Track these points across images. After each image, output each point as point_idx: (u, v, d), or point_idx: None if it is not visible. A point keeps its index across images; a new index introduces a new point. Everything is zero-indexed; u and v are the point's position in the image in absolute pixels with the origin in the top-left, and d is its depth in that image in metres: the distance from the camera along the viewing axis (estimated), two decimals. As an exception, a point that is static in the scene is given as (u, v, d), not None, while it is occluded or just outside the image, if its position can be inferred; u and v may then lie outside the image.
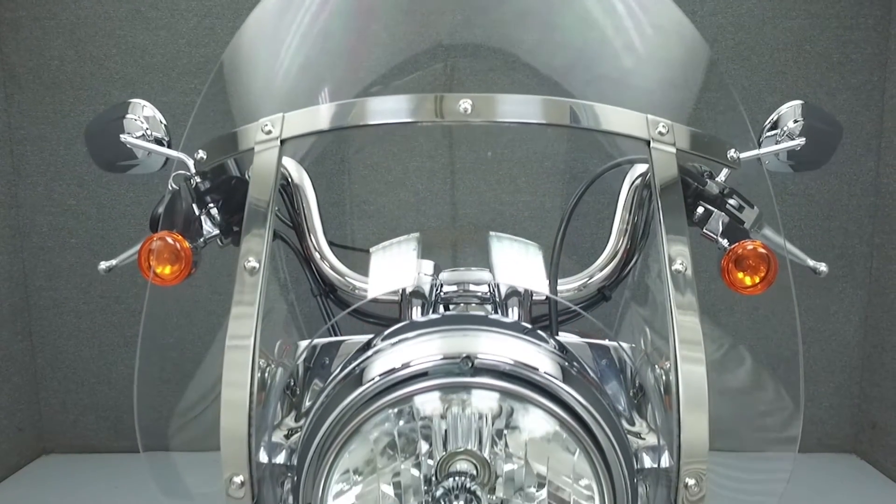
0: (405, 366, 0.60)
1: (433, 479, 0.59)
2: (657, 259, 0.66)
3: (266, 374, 0.64)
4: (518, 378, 0.59)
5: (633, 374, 0.73)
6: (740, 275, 0.72)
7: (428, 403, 0.60)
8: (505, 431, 0.60)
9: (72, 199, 2.71)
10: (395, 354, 0.61)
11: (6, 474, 2.68)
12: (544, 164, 2.57)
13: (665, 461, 0.61)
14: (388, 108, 0.68)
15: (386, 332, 0.66)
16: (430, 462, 0.60)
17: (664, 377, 0.63)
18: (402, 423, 0.60)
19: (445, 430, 0.60)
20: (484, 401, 0.60)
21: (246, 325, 0.60)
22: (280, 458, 0.64)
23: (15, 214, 2.70)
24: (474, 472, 0.58)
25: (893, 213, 2.62)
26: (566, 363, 0.62)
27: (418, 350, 0.61)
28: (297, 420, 0.70)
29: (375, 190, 2.55)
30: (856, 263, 2.73)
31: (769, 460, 0.69)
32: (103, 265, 0.78)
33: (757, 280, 0.71)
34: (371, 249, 0.86)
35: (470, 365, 0.59)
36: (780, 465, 0.68)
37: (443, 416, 0.60)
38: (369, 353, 0.63)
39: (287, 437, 0.66)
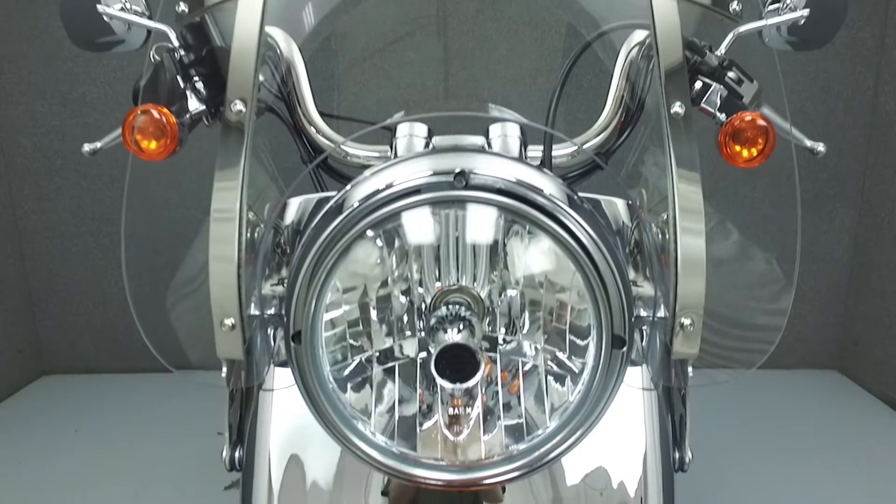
0: (390, 186, 0.56)
1: (426, 313, 0.58)
2: (656, 112, 0.65)
3: (255, 234, 0.63)
4: (518, 198, 0.55)
5: (630, 231, 0.72)
6: (738, 147, 0.70)
7: (418, 222, 0.57)
8: (501, 256, 0.59)
9: (55, 120, 2.65)
10: (381, 177, 0.58)
11: (6, 394, 2.73)
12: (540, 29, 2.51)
13: (661, 312, 0.62)
14: None
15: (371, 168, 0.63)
16: (421, 290, 0.60)
17: (660, 236, 0.63)
18: (391, 245, 0.58)
19: (438, 261, 0.59)
20: (479, 222, 0.57)
21: (231, 191, 0.59)
22: (271, 310, 0.64)
23: (-2, 135, 2.65)
24: (469, 304, 0.58)
25: (889, 131, 2.60)
26: (569, 191, 0.60)
27: (406, 170, 0.58)
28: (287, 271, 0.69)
29: (365, 66, 2.49)
30: (848, 183, 2.73)
31: (757, 329, 0.70)
32: (87, 147, 0.75)
33: (755, 153, 0.70)
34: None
35: (464, 182, 0.55)
36: (767, 336, 0.69)
37: (436, 248, 0.58)
38: (353, 181, 0.60)
39: (277, 285, 0.65)
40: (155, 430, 2.44)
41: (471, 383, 0.52)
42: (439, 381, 0.52)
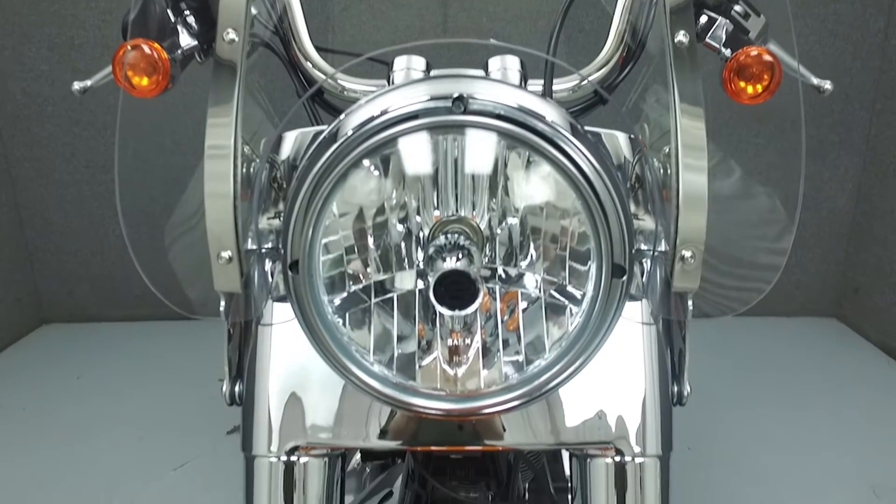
0: (386, 112, 0.54)
1: (424, 243, 0.57)
2: (659, 49, 0.62)
3: (251, 169, 0.61)
4: (519, 124, 0.53)
5: (631, 166, 0.70)
6: (742, 83, 0.68)
7: (415, 149, 0.56)
8: (501, 183, 0.57)
9: (44, 65, 2.59)
10: (377, 104, 0.56)
11: (8, 343, 2.74)
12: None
13: (662, 247, 0.60)
14: None
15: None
16: (419, 220, 0.58)
17: (662, 170, 0.61)
18: (388, 173, 0.56)
19: (436, 190, 0.57)
20: (479, 148, 0.56)
21: (225, 127, 0.57)
22: (268, 245, 0.62)
23: (-14, 81, 2.59)
24: (468, 234, 0.56)
25: (898, 75, 2.54)
26: (572, 119, 0.59)
27: (402, 95, 0.56)
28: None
29: (362, 6, 2.43)
30: (854, 129, 2.69)
31: (757, 267, 0.69)
32: (77, 86, 0.73)
33: (760, 89, 0.68)
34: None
35: (463, 108, 0.53)
36: (766, 275, 0.67)
37: (433, 176, 0.57)
38: (347, 110, 0.59)
39: (274, 218, 0.63)
40: (156, 377, 2.46)
41: (469, 310, 0.51)
42: (438, 307, 0.51)
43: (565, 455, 1.18)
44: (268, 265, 0.63)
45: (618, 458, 0.62)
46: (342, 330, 0.58)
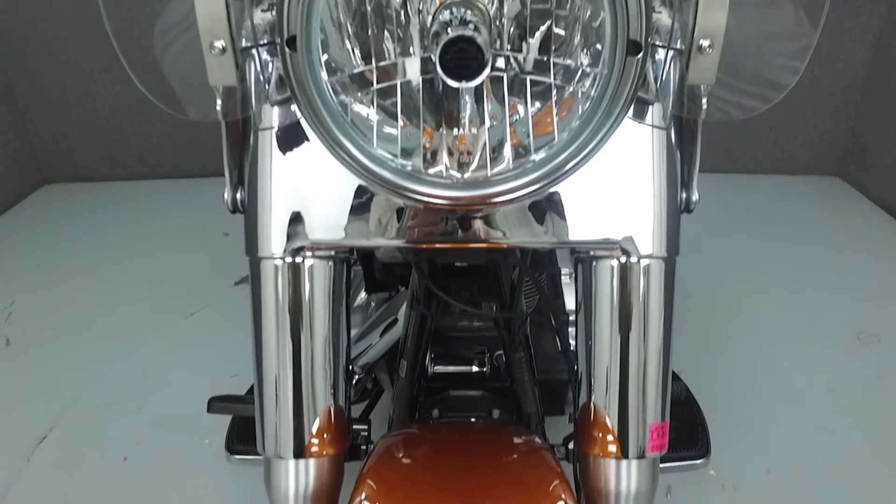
0: None
1: (428, 18, 0.54)
2: None
3: None
4: None
5: None
6: None
7: None
8: None
9: None
10: None
11: (11, 203, 2.75)
12: None
13: (679, 45, 0.57)
14: None
15: None
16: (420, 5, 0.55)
17: None
18: None
19: None
20: None
21: None
22: (264, 40, 0.59)
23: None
24: (474, 11, 0.53)
25: (938, -90, 2.34)
26: None
27: None
28: None
29: None
30: (882, -27, 2.52)
31: (775, 69, 0.65)
32: None
33: None
34: None
35: None
36: (784, 78, 0.64)
37: None
38: None
39: (268, 10, 0.59)
40: (162, 234, 2.49)
41: (477, 81, 0.48)
42: (444, 77, 0.48)
43: (566, 285, 1.21)
44: (265, 57, 0.60)
45: (623, 259, 0.62)
46: (343, 110, 0.55)
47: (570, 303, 1.19)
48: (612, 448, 0.65)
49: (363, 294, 1.28)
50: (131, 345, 1.88)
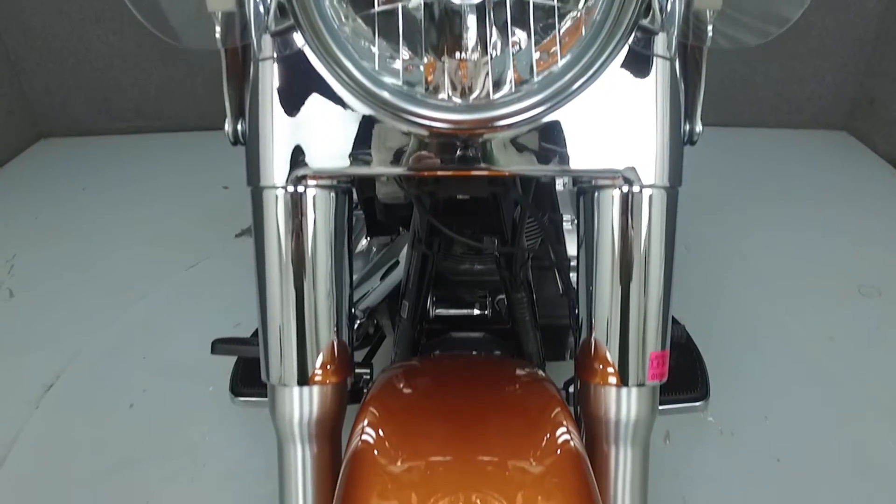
0: None
1: None
2: None
3: None
4: None
5: None
6: None
7: None
8: None
9: None
10: None
11: (9, 157, 2.73)
12: None
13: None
14: None
15: None
16: None
17: None
18: None
19: None
20: None
21: None
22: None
23: None
24: None
25: None
26: None
27: None
28: None
29: None
30: (898, -82, 2.44)
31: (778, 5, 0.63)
32: None
33: None
34: None
35: None
36: (789, 9, 0.62)
37: None
38: None
39: None
40: (161, 187, 2.48)
41: None
42: None
43: (568, 232, 1.21)
44: None
45: (625, 189, 0.62)
46: (344, 31, 0.54)
47: (571, 249, 1.19)
48: (613, 379, 0.66)
49: (364, 241, 1.28)
50: (134, 296, 1.88)
